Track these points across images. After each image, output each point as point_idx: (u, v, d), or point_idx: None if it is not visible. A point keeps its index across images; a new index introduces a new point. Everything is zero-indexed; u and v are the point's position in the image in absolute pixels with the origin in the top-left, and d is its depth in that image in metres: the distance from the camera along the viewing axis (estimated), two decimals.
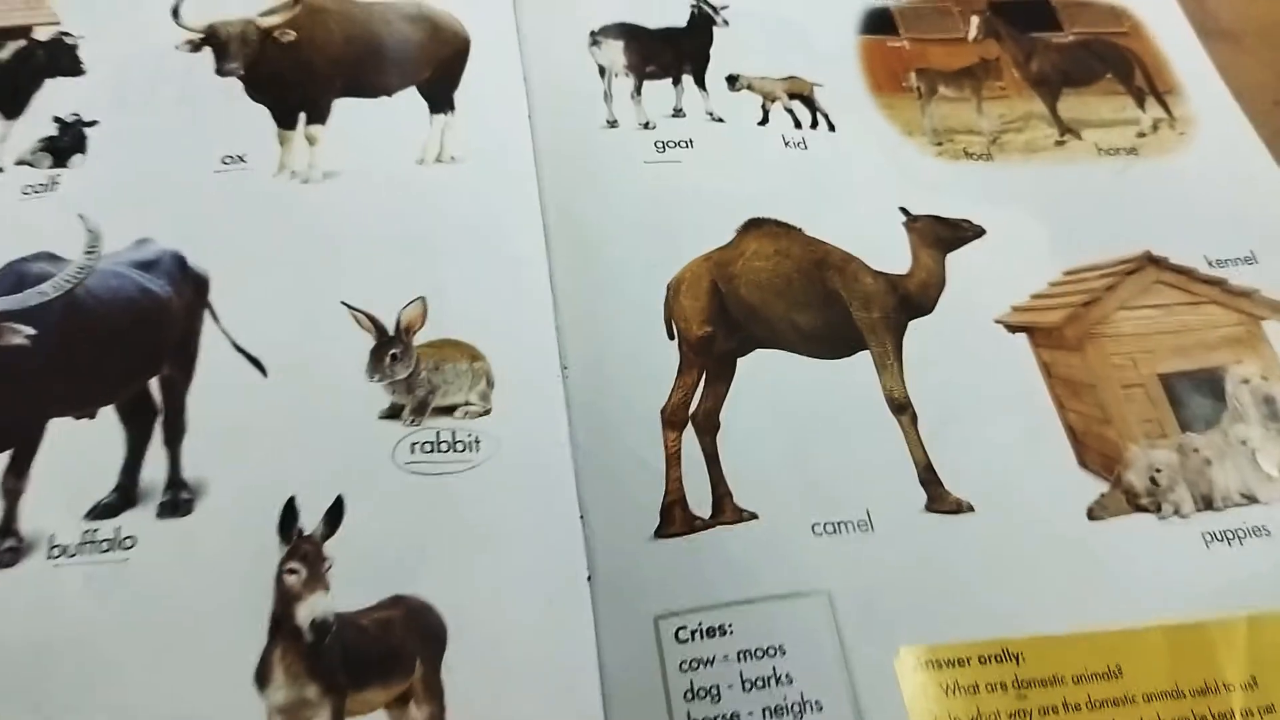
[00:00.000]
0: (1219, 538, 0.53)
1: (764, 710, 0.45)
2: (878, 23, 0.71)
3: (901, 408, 0.55)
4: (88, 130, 0.59)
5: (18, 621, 0.45)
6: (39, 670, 0.44)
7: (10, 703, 0.43)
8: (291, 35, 0.61)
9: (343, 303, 0.53)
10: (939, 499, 0.52)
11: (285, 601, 0.44)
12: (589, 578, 0.48)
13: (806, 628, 0.47)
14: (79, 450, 0.49)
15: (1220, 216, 0.64)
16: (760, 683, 0.46)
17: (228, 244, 0.54)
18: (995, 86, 0.70)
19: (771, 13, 0.70)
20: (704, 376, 0.54)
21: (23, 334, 0.49)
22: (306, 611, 0.44)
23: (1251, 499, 0.54)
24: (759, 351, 0.56)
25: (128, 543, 0.47)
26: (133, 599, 0.45)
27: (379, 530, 0.47)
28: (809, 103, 0.66)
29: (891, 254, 0.59)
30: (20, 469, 0.48)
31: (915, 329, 0.57)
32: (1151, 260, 0.62)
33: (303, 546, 0.45)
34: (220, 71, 0.60)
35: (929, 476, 0.53)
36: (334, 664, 0.44)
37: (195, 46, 0.60)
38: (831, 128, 0.65)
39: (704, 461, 0.52)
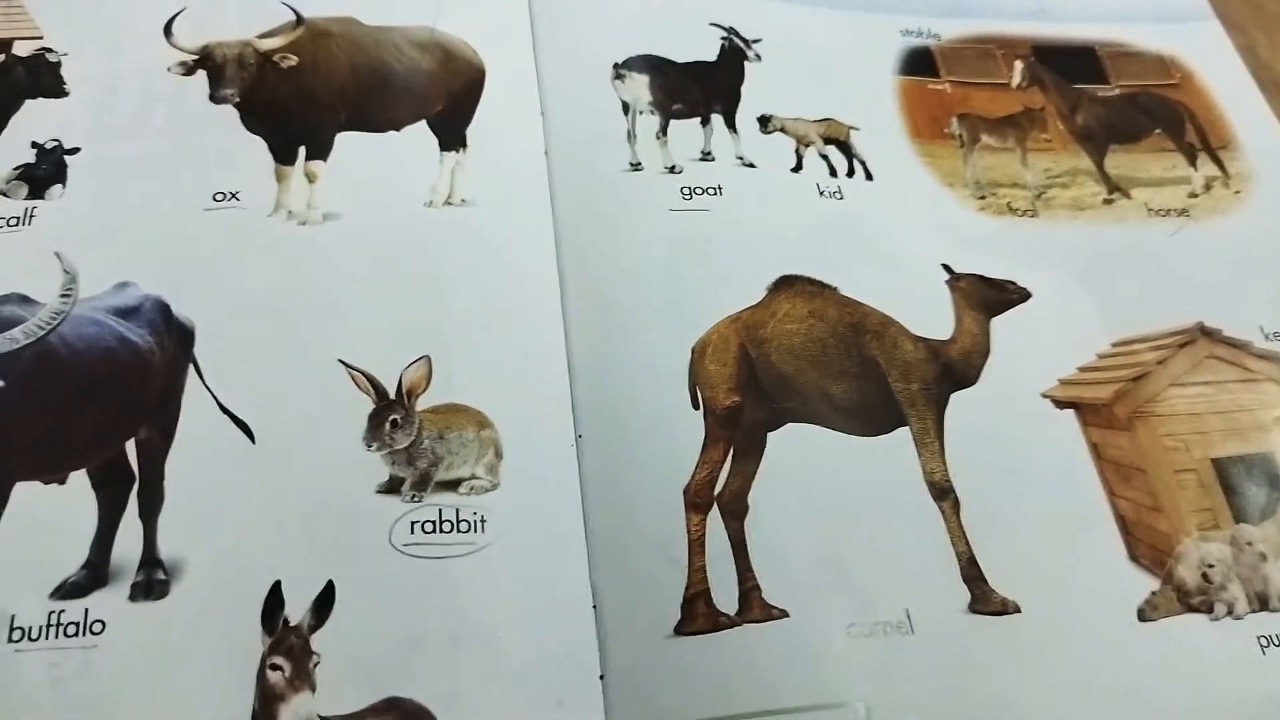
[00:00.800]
0: (1275, 642, 0.50)
1: None
2: (917, 63, 0.67)
3: (943, 492, 0.51)
4: (68, 158, 0.54)
5: None
6: None
7: None
8: (293, 60, 0.56)
9: (339, 360, 0.48)
10: (984, 598, 0.48)
11: (267, 701, 0.40)
12: (601, 676, 0.43)
13: None
14: (46, 520, 0.44)
15: (1277, 283, 0.61)
16: None
17: (216, 291, 0.50)
18: (1040, 138, 0.66)
19: (806, 48, 0.66)
20: (731, 452, 0.50)
21: None
22: (290, 715, 0.40)
23: None
24: (790, 426, 0.52)
25: (96, 627, 0.42)
26: (100, 690, 0.41)
27: (372, 621, 0.43)
28: (845, 148, 0.62)
29: (931, 316, 0.55)
30: None
31: (955, 402, 0.53)
32: (1204, 332, 0.58)
33: (288, 639, 0.41)
34: (214, 98, 0.55)
35: (972, 572, 0.49)
36: None
37: (188, 69, 0.55)
38: (869, 176, 0.61)
39: (730, 549, 0.48)
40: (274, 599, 0.42)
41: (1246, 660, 0.49)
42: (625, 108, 0.60)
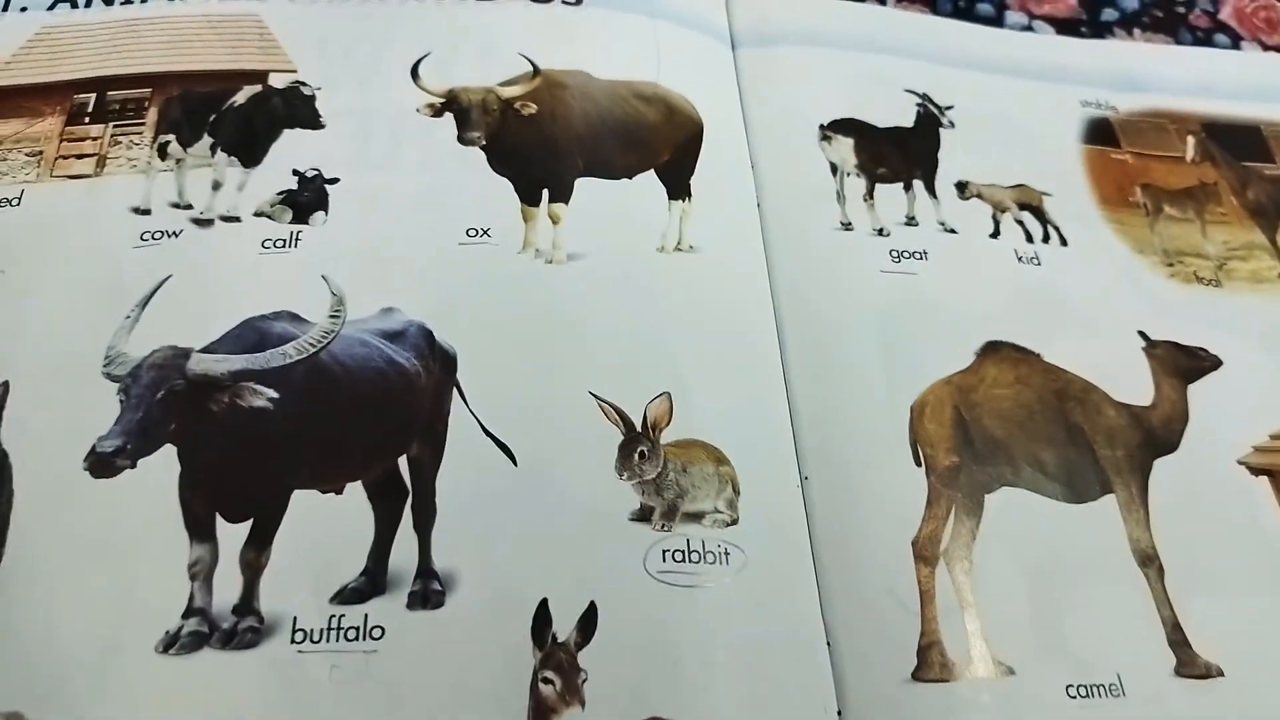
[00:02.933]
0: None
1: None
2: (1099, 133, 0.70)
3: (1149, 559, 0.52)
4: (329, 187, 0.57)
5: (258, 707, 0.43)
6: None
7: None
8: (533, 108, 0.60)
9: (590, 393, 0.51)
10: (1189, 661, 0.50)
11: (540, 713, 0.43)
12: (839, 713, 0.46)
13: None
14: (325, 528, 0.47)
15: None
16: None
17: (473, 321, 0.53)
18: (1216, 211, 0.68)
19: (995, 115, 0.68)
20: (953, 510, 0.52)
21: (265, 395, 0.47)
22: None
23: None
24: (1004, 492, 0.53)
25: (376, 632, 0.45)
26: (380, 692, 0.44)
27: (631, 642, 0.45)
28: (1039, 214, 0.64)
29: (1128, 383, 0.57)
30: (261, 542, 0.47)
31: (1158, 469, 0.55)
32: None
33: (558, 655, 0.44)
34: (463, 140, 0.58)
35: (1177, 637, 0.51)
36: None
37: (436, 111, 0.59)
38: (1064, 241, 0.63)
39: (958, 603, 0.50)
40: (542, 615, 0.45)
41: None
42: (833, 169, 0.63)
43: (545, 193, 0.58)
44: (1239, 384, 0.59)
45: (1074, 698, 0.48)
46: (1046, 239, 0.63)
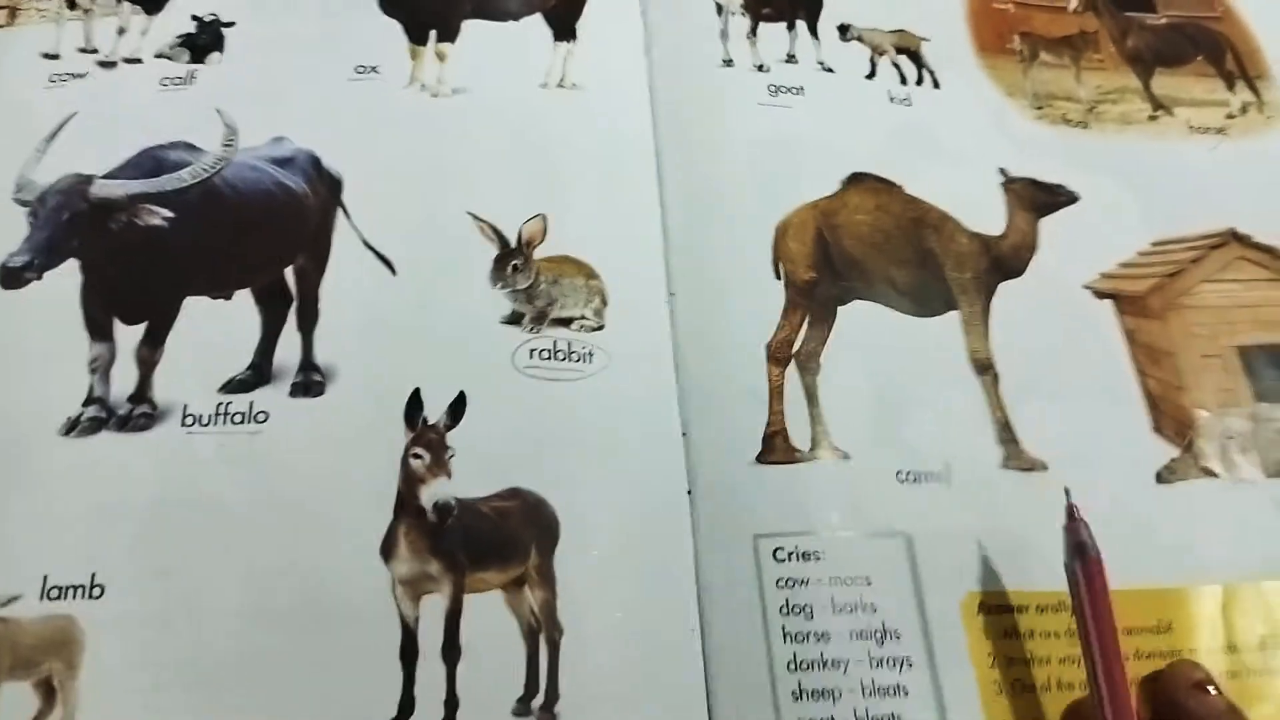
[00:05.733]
0: None
1: (851, 632, 0.48)
2: None
3: (985, 367, 0.57)
4: (225, 30, 0.61)
5: (149, 482, 0.48)
6: (168, 530, 0.46)
7: (137, 559, 0.46)
8: None
9: (468, 212, 0.55)
10: (1015, 456, 0.55)
11: (410, 483, 0.47)
12: (689, 492, 0.50)
13: (889, 565, 0.50)
14: (214, 329, 0.52)
15: None
16: (849, 607, 0.49)
17: (359, 149, 0.56)
18: (1094, 58, 0.71)
19: None
20: (807, 319, 0.57)
21: (160, 215, 0.52)
22: (430, 495, 0.47)
23: None
24: (857, 302, 0.58)
25: (260, 417, 0.49)
26: (264, 469, 0.48)
27: (498, 427, 0.50)
28: (916, 58, 0.67)
29: (987, 215, 0.61)
30: (154, 341, 0.51)
31: (1004, 291, 0.59)
32: (1236, 237, 0.63)
33: (428, 434, 0.48)
34: None
35: (1006, 435, 0.55)
36: (455, 544, 0.47)
37: None
38: (936, 84, 0.66)
39: (805, 399, 0.54)
40: (415, 401, 0.49)
41: (1260, 518, 0.55)
42: (718, 8, 0.66)
43: (433, 34, 0.61)
44: (1098, 218, 0.63)
45: (903, 482, 0.53)
46: (920, 82, 0.67)
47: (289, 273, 0.54)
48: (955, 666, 0.48)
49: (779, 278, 0.58)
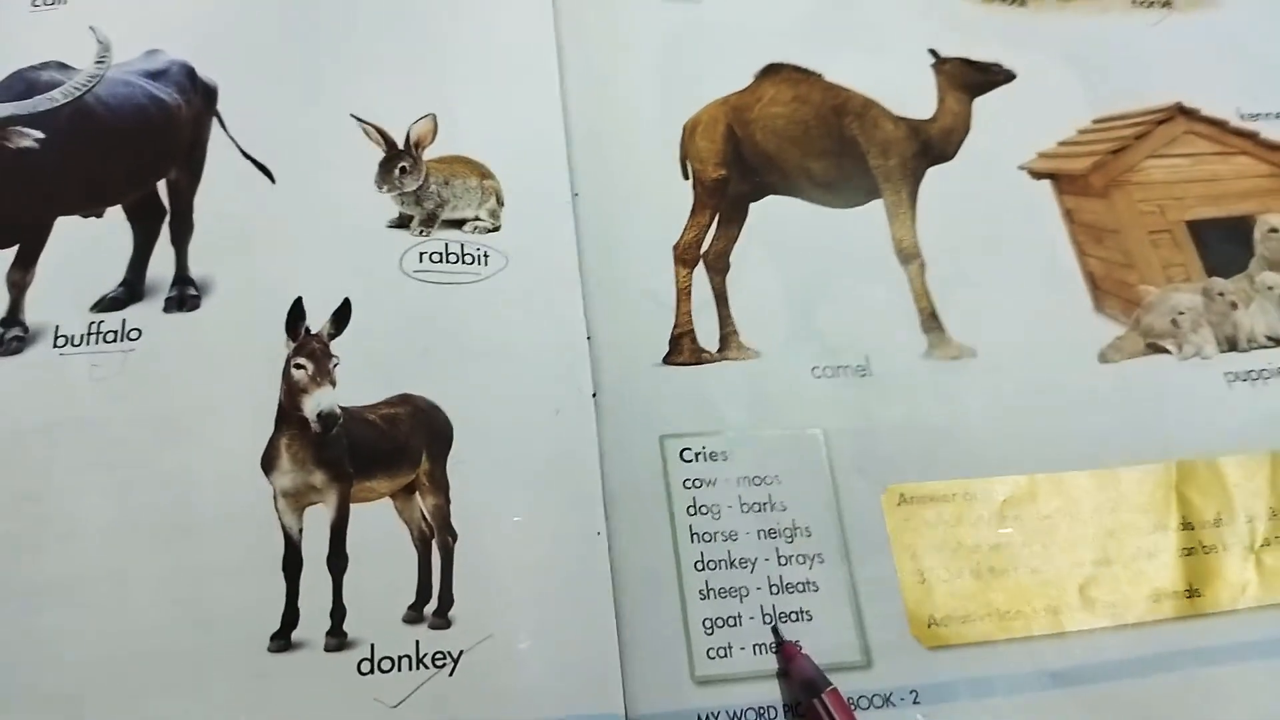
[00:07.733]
0: (1242, 378, 0.53)
1: (759, 531, 0.46)
2: None
3: (910, 256, 0.54)
4: None
5: (23, 405, 0.45)
6: (42, 451, 0.44)
7: (13, 480, 0.43)
8: None
9: (351, 115, 0.52)
10: (940, 344, 0.52)
11: (292, 394, 0.45)
12: (594, 394, 0.48)
13: (801, 462, 0.48)
14: (86, 248, 0.49)
15: (1253, 71, 0.63)
16: (756, 506, 0.47)
17: (236, 56, 0.53)
18: None
19: None
20: (716, 218, 0.54)
21: (31, 137, 0.50)
22: (313, 404, 0.44)
23: (1278, 341, 0.53)
24: (770, 198, 0.55)
25: (134, 334, 0.47)
26: (138, 386, 0.46)
27: (386, 333, 0.47)
28: None
29: (917, 99, 0.58)
30: (25, 263, 0.48)
31: (934, 176, 0.57)
32: (1183, 111, 0.60)
33: (310, 344, 0.46)
34: None
35: (932, 324, 0.53)
36: (340, 453, 0.44)
37: None
38: None
39: (713, 299, 0.52)
40: (296, 311, 0.46)
41: (1213, 394, 0.53)
42: None
43: None
44: (1034, 97, 0.60)
45: (819, 377, 0.50)
46: None
47: (162, 186, 0.50)
48: (873, 559, 0.47)
49: (687, 177, 0.55)
